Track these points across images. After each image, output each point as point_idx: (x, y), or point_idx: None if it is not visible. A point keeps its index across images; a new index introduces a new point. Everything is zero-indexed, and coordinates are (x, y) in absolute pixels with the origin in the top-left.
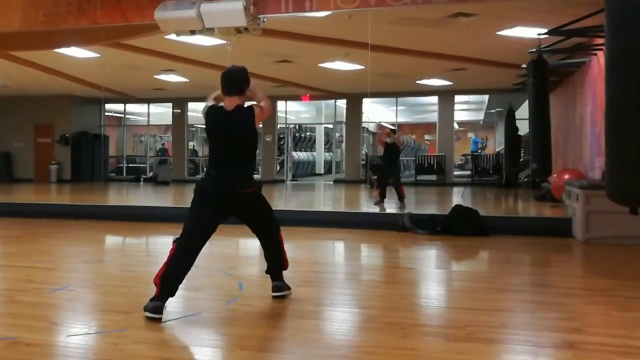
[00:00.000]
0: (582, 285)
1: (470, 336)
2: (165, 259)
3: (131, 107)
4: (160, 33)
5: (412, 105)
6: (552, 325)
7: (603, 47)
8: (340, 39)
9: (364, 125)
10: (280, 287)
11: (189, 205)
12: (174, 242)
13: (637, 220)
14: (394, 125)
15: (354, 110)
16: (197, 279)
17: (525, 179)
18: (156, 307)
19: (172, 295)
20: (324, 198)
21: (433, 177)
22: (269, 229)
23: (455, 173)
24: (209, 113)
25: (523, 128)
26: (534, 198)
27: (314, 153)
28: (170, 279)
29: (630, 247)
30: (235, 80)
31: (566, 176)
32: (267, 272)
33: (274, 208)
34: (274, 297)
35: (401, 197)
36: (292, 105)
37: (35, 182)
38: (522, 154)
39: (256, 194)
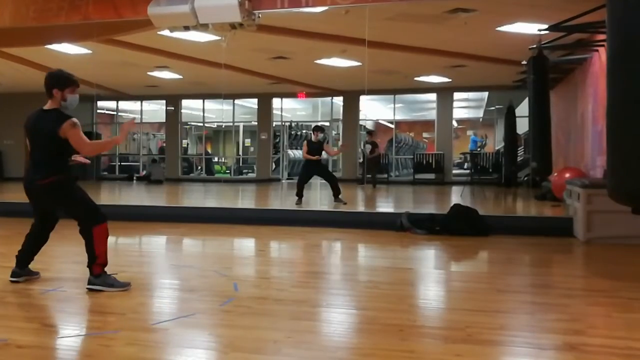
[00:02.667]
0: (584, 286)
1: (470, 338)
2: (98, 248)
3: (124, 105)
4: (154, 29)
5: (410, 103)
6: (553, 326)
7: (605, 43)
8: (336, 35)
9: (361, 123)
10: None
11: (183, 205)
12: (94, 225)
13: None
14: (391, 123)
15: (351, 107)
16: (191, 280)
17: (526, 178)
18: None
19: None
20: (321, 197)
21: (431, 176)
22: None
23: (454, 172)
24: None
25: (523, 126)
26: (535, 197)
27: None
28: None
29: (633, 247)
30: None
31: (567, 175)
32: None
33: (269, 207)
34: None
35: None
36: (288, 103)
37: None
38: (521, 153)
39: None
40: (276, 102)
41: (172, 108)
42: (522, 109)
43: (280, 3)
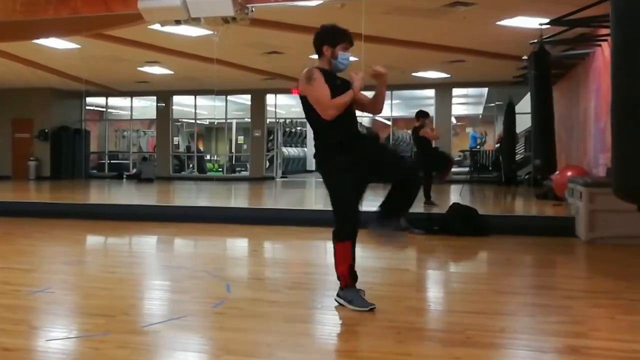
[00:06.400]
0: (586, 288)
1: (469, 340)
2: (339, 267)
3: (113, 101)
4: (144, 23)
5: (407, 99)
6: (554, 329)
7: (608, 37)
8: None
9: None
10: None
11: (174, 204)
12: (335, 240)
13: None
14: (388, 119)
15: None
16: (183, 281)
17: (526, 176)
18: None
19: None
20: (316, 196)
21: None
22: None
23: (453, 170)
24: None
25: (524, 123)
26: (535, 196)
27: (305, 149)
28: None
29: (636, 247)
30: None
31: (569, 173)
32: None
33: (263, 206)
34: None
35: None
36: (282, 99)
37: (13, 179)
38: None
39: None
40: (270, 99)
41: (163, 104)
42: (523, 106)
43: None
